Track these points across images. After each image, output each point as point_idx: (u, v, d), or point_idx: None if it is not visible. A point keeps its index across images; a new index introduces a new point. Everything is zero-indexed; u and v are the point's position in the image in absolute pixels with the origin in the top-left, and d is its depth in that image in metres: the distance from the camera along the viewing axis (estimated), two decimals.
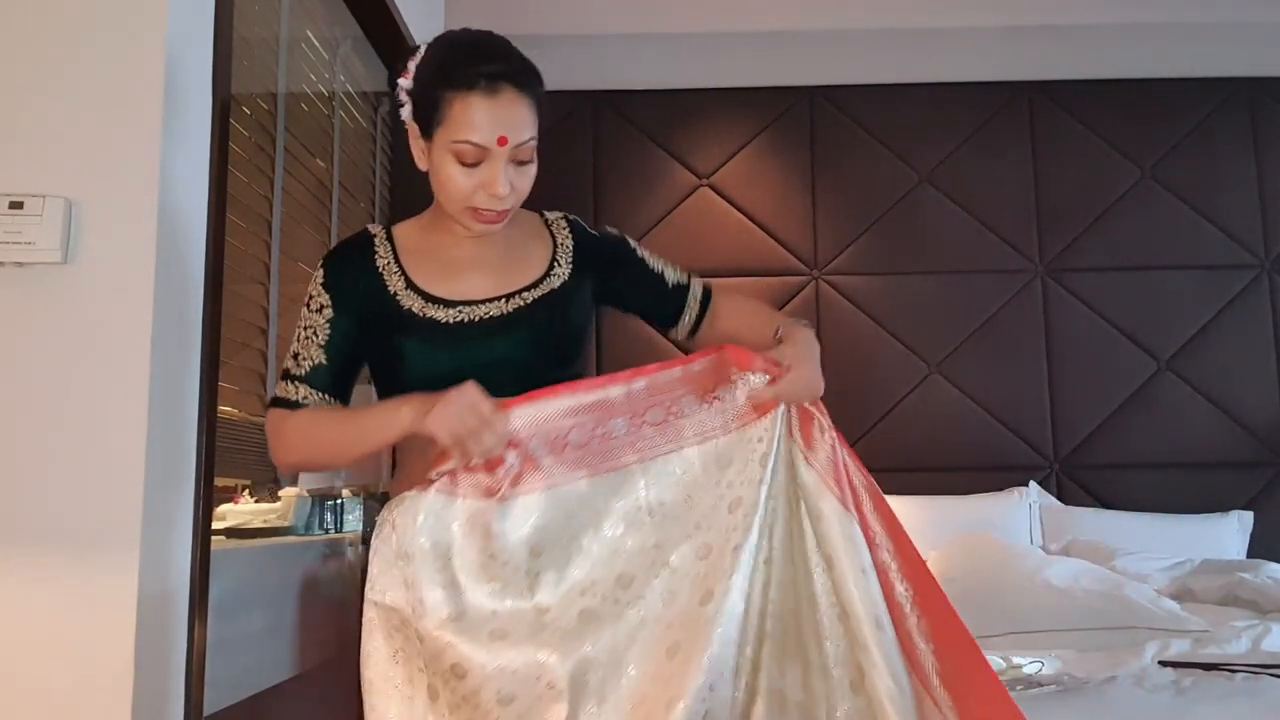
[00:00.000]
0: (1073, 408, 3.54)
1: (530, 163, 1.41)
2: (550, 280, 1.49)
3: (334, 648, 2.47)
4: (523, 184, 1.41)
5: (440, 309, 1.42)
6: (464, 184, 1.37)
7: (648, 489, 1.35)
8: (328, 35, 2.66)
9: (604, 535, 1.33)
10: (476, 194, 1.38)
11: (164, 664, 1.55)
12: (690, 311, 1.60)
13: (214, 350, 1.71)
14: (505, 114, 1.36)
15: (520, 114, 1.38)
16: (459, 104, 1.35)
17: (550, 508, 1.32)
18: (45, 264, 1.52)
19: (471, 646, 1.26)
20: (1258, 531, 3.34)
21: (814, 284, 3.62)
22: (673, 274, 1.61)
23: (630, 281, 1.59)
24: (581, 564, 1.31)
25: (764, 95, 3.72)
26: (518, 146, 1.37)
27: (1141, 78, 3.72)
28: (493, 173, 1.36)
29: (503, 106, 1.36)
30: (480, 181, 1.37)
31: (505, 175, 1.37)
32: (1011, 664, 1.92)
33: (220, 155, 1.75)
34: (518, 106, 1.37)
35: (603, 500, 1.34)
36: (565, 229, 1.57)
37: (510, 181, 1.38)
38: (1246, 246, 3.62)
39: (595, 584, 1.30)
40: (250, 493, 2.28)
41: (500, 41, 1.44)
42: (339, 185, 2.67)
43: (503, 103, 1.36)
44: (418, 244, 1.49)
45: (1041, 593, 2.51)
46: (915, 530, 3.34)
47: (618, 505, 1.34)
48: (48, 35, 1.58)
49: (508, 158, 1.37)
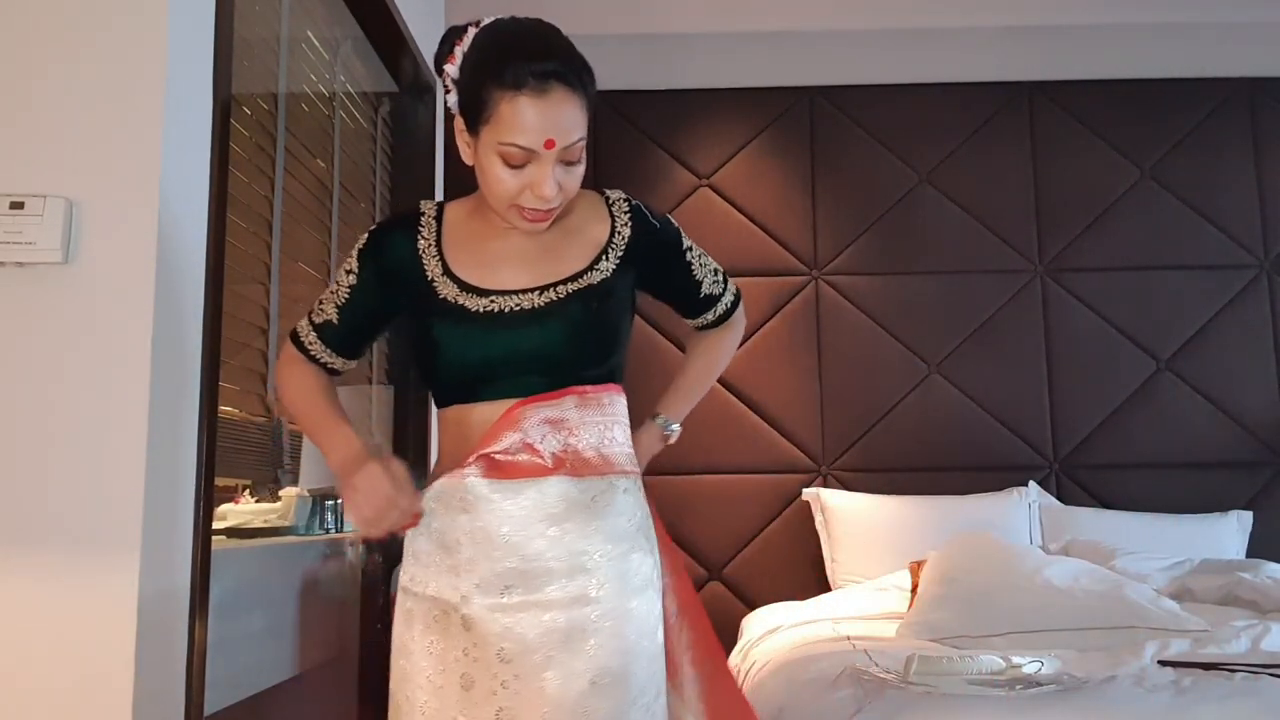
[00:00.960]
0: (1073, 408, 3.54)
1: (579, 163, 1.37)
2: (593, 273, 1.45)
3: (334, 648, 2.47)
4: (571, 184, 1.37)
5: (473, 297, 1.41)
6: (510, 185, 1.34)
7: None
8: (328, 35, 2.66)
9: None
10: (523, 194, 1.34)
11: (164, 664, 1.55)
12: (704, 320, 1.64)
13: (214, 350, 1.71)
14: (554, 115, 1.31)
15: (569, 115, 1.32)
16: (506, 104, 1.30)
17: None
18: (45, 264, 1.52)
19: (522, 629, 1.32)
20: (1257, 531, 3.34)
21: (814, 284, 3.62)
22: (710, 283, 1.61)
23: (668, 281, 1.59)
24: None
25: (764, 95, 3.72)
26: (566, 148, 1.32)
27: (1141, 78, 3.72)
28: (541, 174, 1.32)
29: (552, 107, 1.30)
30: (527, 182, 1.33)
31: (553, 177, 1.33)
32: (1011, 664, 1.92)
33: (220, 155, 1.75)
34: (567, 107, 1.32)
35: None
36: (626, 215, 1.51)
37: (559, 183, 1.34)
38: (1246, 246, 3.62)
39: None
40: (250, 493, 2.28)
41: (552, 33, 1.39)
42: (339, 185, 2.67)
43: (552, 103, 1.30)
44: (463, 227, 1.47)
45: (1041, 593, 2.51)
46: (915, 530, 3.38)
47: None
48: (48, 35, 1.58)
49: (556, 159, 1.33)
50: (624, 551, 1.38)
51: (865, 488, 3.43)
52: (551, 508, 1.35)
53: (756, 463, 3.51)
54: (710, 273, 1.61)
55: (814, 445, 3.52)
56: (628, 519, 1.40)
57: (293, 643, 2.19)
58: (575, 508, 1.36)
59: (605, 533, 1.37)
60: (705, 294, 1.61)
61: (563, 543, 1.35)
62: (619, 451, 1.42)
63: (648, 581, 1.39)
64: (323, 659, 2.38)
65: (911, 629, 2.52)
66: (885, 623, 2.70)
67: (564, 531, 1.35)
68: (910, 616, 2.59)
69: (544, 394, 1.38)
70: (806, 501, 3.42)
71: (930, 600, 2.60)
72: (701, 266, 1.60)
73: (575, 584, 1.34)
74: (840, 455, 3.52)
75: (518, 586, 1.33)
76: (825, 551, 3.32)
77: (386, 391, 3.00)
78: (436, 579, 1.37)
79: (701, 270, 1.60)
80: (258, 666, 2.02)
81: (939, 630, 2.48)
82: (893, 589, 2.95)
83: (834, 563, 3.28)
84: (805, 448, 3.52)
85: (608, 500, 1.39)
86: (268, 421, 2.18)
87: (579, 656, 1.31)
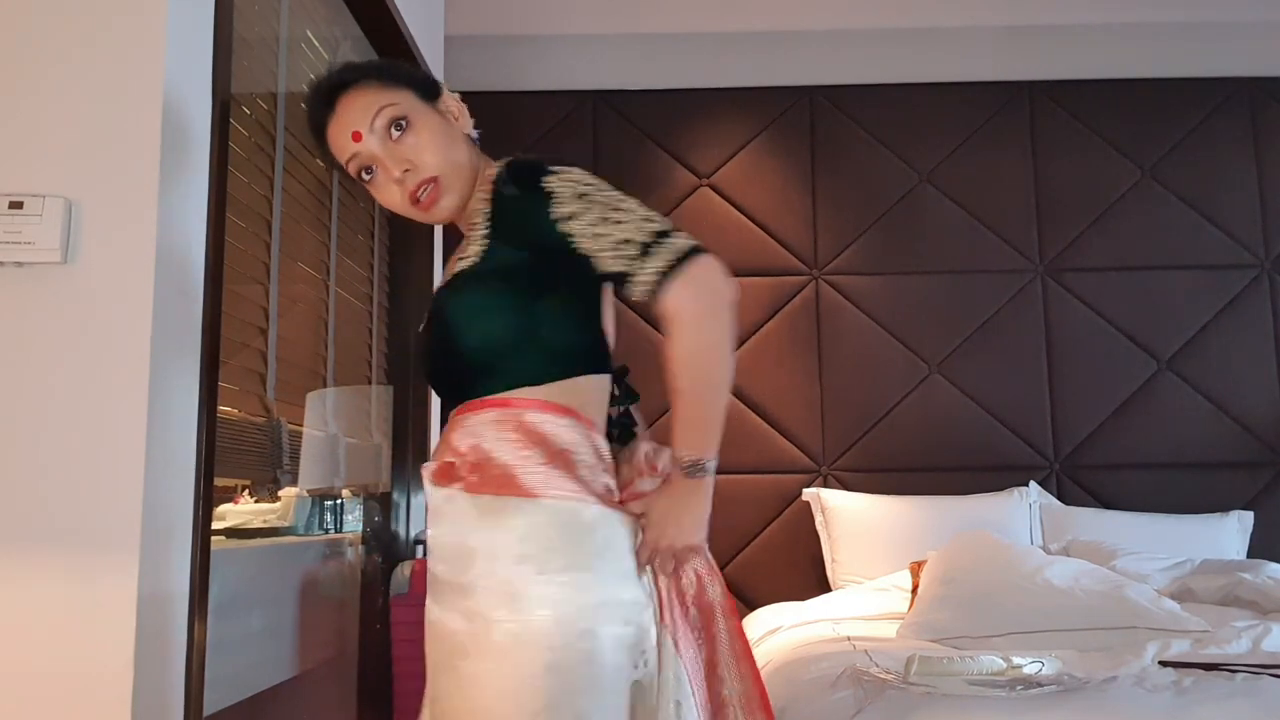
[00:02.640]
0: (1073, 408, 3.54)
1: (410, 126, 1.35)
2: (461, 263, 1.34)
3: (334, 648, 2.47)
4: (415, 150, 1.34)
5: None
6: (387, 197, 1.37)
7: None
8: (328, 35, 2.66)
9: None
10: (400, 192, 1.36)
11: (164, 664, 1.55)
12: (644, 305, 1.27)
13: (214, 350, 1.71)
14: (345, 119, 1.36)
15: (359, 103, 1.35)
16: (326, 139, 1.39)
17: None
18: (45, 264, 1.52)
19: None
20: (1258, 531, 3.34)
21: (814, 284, 3.62)
22: (611, 256, 1.25)
23: (559, 258, 1.28)
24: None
25: (764, 95, 3.72)
26: (374, 125, 1.34)
27: (1141, 78, 3.72)
28: (381, 165, 1.35)
29: (341, 116, 1.36)
30: (385, 179, 1.36)
31: (390, 155, 1.34)
32: (1011, 664, 1.92)
33: (220, 155, 1.75)
34: (355, 100, 1.36)
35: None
36: (488, 187, 1.35)
37: (402, 154, 1.34)
38: (1246, 246, 3.62)
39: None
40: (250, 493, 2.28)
41: (338, 67, 1.44)
42: (339, 185, 2.67)
43: (341, 112, 1.36)
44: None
45: (1042, 593, 2.51)
46: (915, 530, 3.38)
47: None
48: (48, 35, 1.58)
49: (380, 140, 1.34)
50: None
51: (865, 488, 3.43)
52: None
53: (756, 463, 3.51)
54: (610, 242, 1.25)
55: (814, 445, 3.52)
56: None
57: (292, 643, 2.19)
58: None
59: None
60: (607, 271, 1.27)
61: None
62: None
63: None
64: (322, 659, 2.38)
65: (912, 629, 2.52)
66: (885, 623, 2.70)
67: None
68: (911, 617, 2.59)
69: (454, 406, 1.35)
70: (806, 501, 3.42)
71: (931, 600, 2.60)
72: (596, 237, 1.25)
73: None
74: (840, 455, 3.51)
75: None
76: (825, 552, 3.32)
77: (386, 392, 3.00)
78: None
79: (593, 242, 1.26)
80: (257, 666, 2.02)
81: (939, 630, 2.48)
82: (893, 589, 2.95)
83: (834, 563, 3.28)
84: (805, 448, 3.52)
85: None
86: (267, 421, 2.18)
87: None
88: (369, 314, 2.88)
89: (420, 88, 1.40)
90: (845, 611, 2.86)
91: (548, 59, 3.71)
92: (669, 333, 1.25)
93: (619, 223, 1.26)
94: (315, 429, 2.41)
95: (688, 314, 1.24)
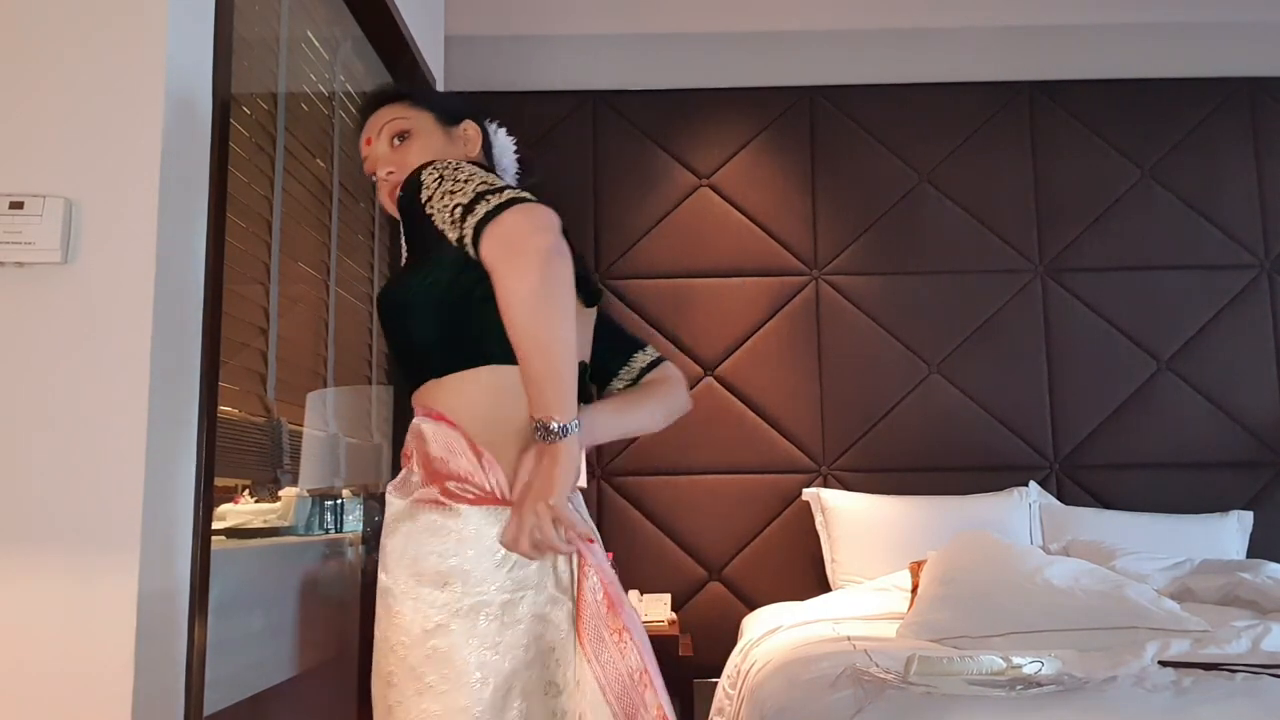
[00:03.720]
0: (1073, 408, 3.54)
1: (410, 136, 1.52)
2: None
3: (334, 648, 2.47)
4: (404, 155, 1.50)
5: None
6: (380, 195, 1.54)
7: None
8: (328, 35, 2.66)
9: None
10: (384, 189, 1.52)
11: (164, 664, 1.55)
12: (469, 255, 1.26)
13: (214, 350, 1.71)
14: (368, 126, 1.56)
15: (380, 116, 1.54)
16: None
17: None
18: (45, 264, 1.52)
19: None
20: (1258, 531, 3.34)
21: (814, 284, 3.62)
22: (449, 224, 1.27)
23: (438, 241, 1.30)
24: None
25: (764, 95, 3.72)
26: (381, 131, 1.52)
27: (1141, 78, 3.72)
28: (378, 167, 1.53)
29: (367, 124, 1.56)
30: (381, 180, 1.53)
31: (385, 159, 1.52)
32: (1011, 664, 1.92)
33: (220, 155, 1.75)
34: (379, 115, 1.55)
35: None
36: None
37: (392, 159, 1.51)
38: (1246, 246, 3.62)
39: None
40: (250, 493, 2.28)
41: (378, 88, 1.67)
42: (339, 185, 2.67)
43: (368, 123, 1.56)
44: None
45: (1041, 593, 2.51)
46: (915, 530, 3.38)
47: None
48: (48, 35, 1.58)
49: (383, 147, 1.52)
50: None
51: (865, 488, 3.43)
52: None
53: (756, 463, 3.51)
54: (447, 213, 1.26)
55: (814, 445, 3.52)
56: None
57: (292, 643, 2.19)
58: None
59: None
60: (454, 239, 1.27)
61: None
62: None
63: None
64: (322, 659, 2.38)
65: (912, 629, 2.52)
66: (885, 623, 2.70)
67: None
68: (910, 617, 2.59)
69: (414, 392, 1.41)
70: (806, 501, 3.42)
71: (930, 600, 2.60)
72: (440, 211, 1.27)
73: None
74: (840, 455, 3.52)
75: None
76: (825, 551, 3.32)
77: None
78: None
79: (440, 215, 1.28)
80: (257, 666, 2.02)
81: (939, 630, 2.48)
82: (893, 589, 2.95)
83: (834, 563, 3.28)
84: (805, 448, 3.52)
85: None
86: (267, 421, 2.18)
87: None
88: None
89: (441, 112, 1.56)
90: (845, 611, 2.86)
91: (547, 59, 3.71)
92: (494, 278, 1.22)
93: (455, 192, 1.27)
94: (315, 429, 2.41)
95: (499, 270, 1.20)
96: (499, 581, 1.25)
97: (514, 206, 1.22)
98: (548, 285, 1.19)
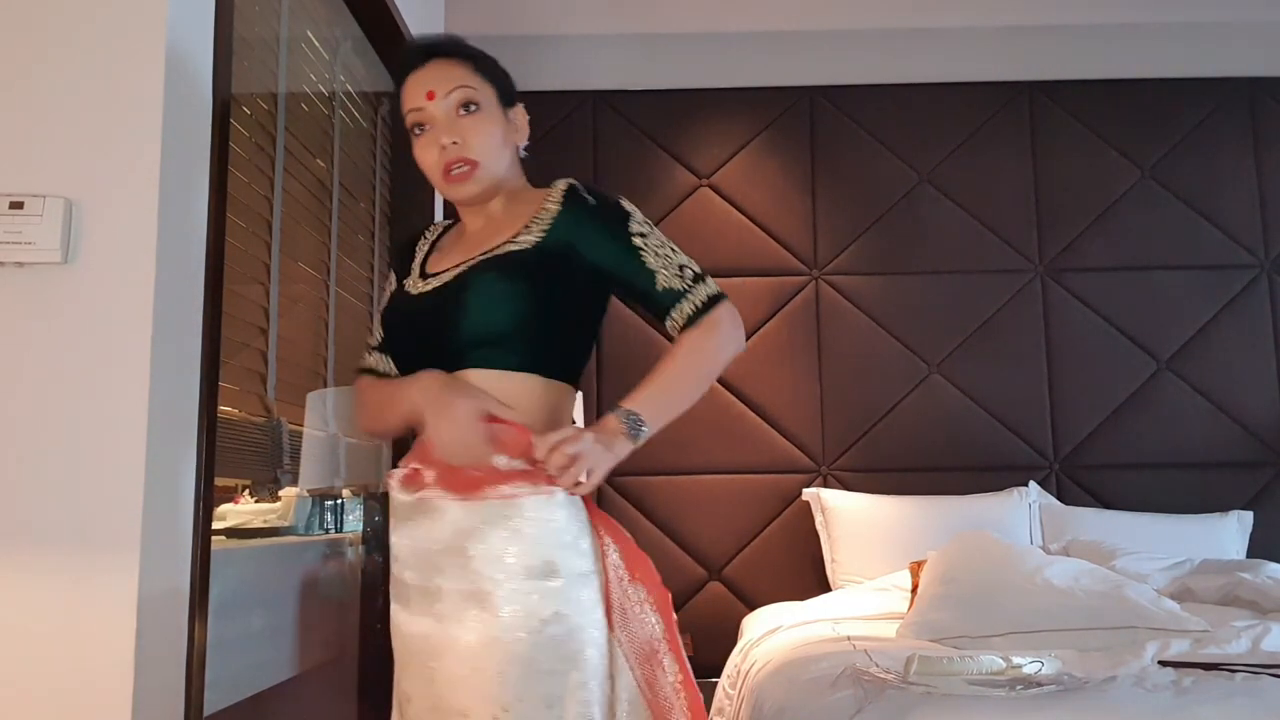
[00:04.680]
0: (1073, 408, 3.54)
1: (478, 110, 1.50)
2: (504, 246, 1.47)
3: (334, 648, 2.47)
4: (473, 133, 1.49)
5: (420, 282, 1.52)
6: (425, 156, 1.51)
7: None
8: (328, 35, 2.66)
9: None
10: (439, 156, 1.49)
11: (164, 664, 1.55)
12: (674, 321, 1.48)
13: (214, 350, 1.71)
14: (431, 77, 1.50)
15: (447, 71, 1.50)
16: (404, 88, 1.52)
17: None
18: (45, 264, 1.52)
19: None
20: (1258, 531, 3.34)
21: (814, 284, 3.62)
22: (670, 275, 1.47)
23: (613, 263, 1.48)
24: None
25: (764, 95, 3.72)
26: (449, 95, 1.49)
27: (1141, 78, 3.72)
28: (436, 129, 1.49)
29: (428, 73, 1.50)
30: (433, 140, 1.49)
31: (448, 125, 1.48)
32: (1011, 664, 1.92)
33: (220, 155, 1.75)
34: (444, 67, 1.51)
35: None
36: (557, 193, 1.52)
37: (458, 130, 1.48)
38: (1246, 246, 3.62)
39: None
40: (250, 493, 2.28)
41: (444, 36, 1.58)
42: (339, 185, 2.67)
43: (429, 70, 1.50)
44: (454, 233, 1.61)
45: (1041, 593, 2.51)
46: (915, 530, 3.37)
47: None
48: (47, 35, 1.58)
49: (447, 113, 1.49)
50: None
51: (865, 488, 3.43)
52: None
53: (756, 463, 3.51)
54: (673, 266, 1.48)
55: (814, 445, 3.52)
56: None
57: (292, 643, 2.19)
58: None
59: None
60: (664, 287, 1.47)
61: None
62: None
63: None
64: (323, 659, 2.38)
65: (912, 629, 2.52)
66: (885, 623, 2.70)
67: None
68: (910, 617, 2.59)
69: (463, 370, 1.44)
70: (806, 501, 3.42)
71: (930, 600, 2.60)
72: (658, 256, 1.48)
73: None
74: (840, 455, 3.51)
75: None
76: (825, 551, 3.32)
77: None
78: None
79: (657, 260, 1.48)
80: (258, 666, 2.02)
81: (939, 630, 2.48)
82: (893, 589, 2.95)
83: (834, 563, 3.28)
84: (805, 448, 3.52)
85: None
86: (267, 421, 2.18)
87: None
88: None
89: (502, 91, 1.57)
90: (845, 611, 2.86)
91: (548, 59, 3.71)
92: (696, 335, 1.45)
93: (675, 251, 1.50)
94: (315, 429, 2.41)
95: (724, 328, 1.46)
96: (588, 565, 1.38)
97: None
98: (726, 362, 1.49)
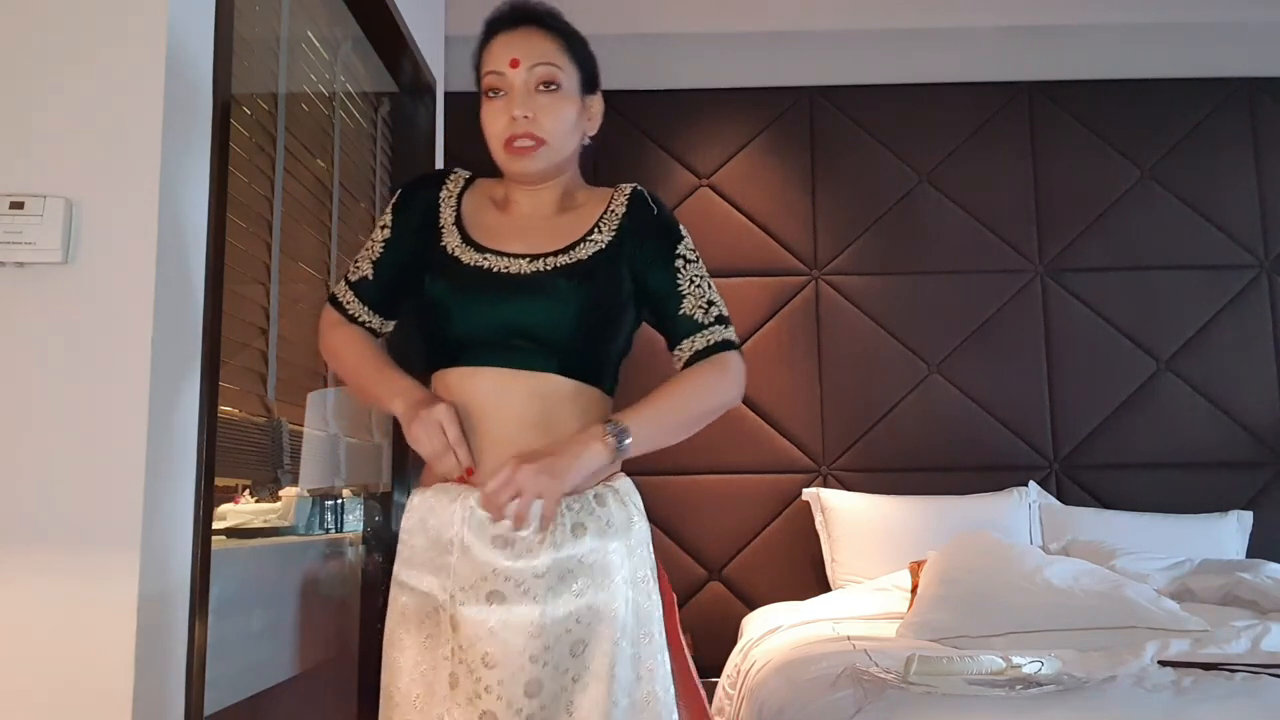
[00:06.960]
0: (1073, 408, 3.54)
1: (557, 90, 1.47)
2: (582, 247, 1.47)
3: (334, 648, 2.47)
4: (549, 114, 1.46)
5: (470, 251, 1.47)
6: (493, 122, 1.46)
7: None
8: (328, 35, 2.66)
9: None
10: (508, 126, 1.45)
11: (164, 664, 1.55)
12: (682, 351, 1.48)
13: (214, 350, 1.71)
14: (519, 43, 1.47)
15: (536, 43, 1.47)
16: (489, 46, 1.49)
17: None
18: (45, 264, 1.51)
19: (507, 636, 1.30)
20: (1257, 531, 3.34)
21: (814, 284, 3.62)
22: (695, 306, 1.48)
23: (651, 275, 1.49)
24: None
25: (764, 95, 3.73)
26: (533, 69, 1.45)
27: (1141, 78, 3.72)
28: (513, 98, 1.45)
29: (518, 38, 1.47)
30: (507, 112, 1.45)
31: (524, 98, 1.45)
32: (1011, 664, 1.92)
33: (220, 155, 1.75)
34: (534, 38, 1.48)
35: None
36: (624, 197, 1.53)
37: (534, 105, 1.45)
38: (1246, 246, 3.62)
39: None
40: (250, 493, 2.28)
41: (542, 4, 1.54)
42: (339, 185, 2.67)
43: (519, 35, 1.48)
44: (485, 194, 1.56)
45: (1041, 593, 2.51)
46: (915, 530, 3.38)
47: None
48: (48, 35, 1.58)
49: (526, 84, 1.45)
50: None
51: (865, 488, 3.43)
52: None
53: (756, 463, 3.51)
54: (701, 299, 1.49)
55: (814, 445, 3.52)
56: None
57: (292, 643, 2.19)
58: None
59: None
60: (685, 315, 1.48)
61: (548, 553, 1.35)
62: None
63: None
64: (322, 659, 2.38)
65: (911, 629, 2.52)
66: (885, 623, 2.70)
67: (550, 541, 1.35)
68: (910, 616, 2.59)
69: (525, 369, 1.42)
70: (806, 501, 3.42)
71: (930, 600, 2.60)
72: (692, 284, 1.49)
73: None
74: (840, 455, 3.52)
75: (503, 593, 1.33)
76: (825, 551, 3.32)
77: None
78: (428, 575, 1.37)
79: (690, 287, 1.49)
80: (258, 666, 2.02)
81: (939, 630, 2.48)
82: (893, 589, 2.95)
83: (834, 563, 3.28)
84: (805, 448, 3.52)
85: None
86: (267, 421, 2.18)
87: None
88: None
89: (586, 76, 1.55)
90: (845, 611, 2.87)
91: None
92: (708, 364, 1.46)
93: (710, 288, 1.51)
94: (316, 429, 2.41)
95: (732, 375, 1.47)
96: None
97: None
98: (720, 409, 1.48)
